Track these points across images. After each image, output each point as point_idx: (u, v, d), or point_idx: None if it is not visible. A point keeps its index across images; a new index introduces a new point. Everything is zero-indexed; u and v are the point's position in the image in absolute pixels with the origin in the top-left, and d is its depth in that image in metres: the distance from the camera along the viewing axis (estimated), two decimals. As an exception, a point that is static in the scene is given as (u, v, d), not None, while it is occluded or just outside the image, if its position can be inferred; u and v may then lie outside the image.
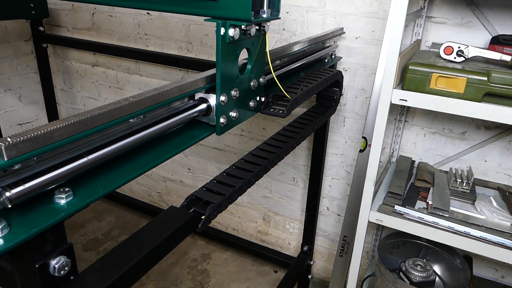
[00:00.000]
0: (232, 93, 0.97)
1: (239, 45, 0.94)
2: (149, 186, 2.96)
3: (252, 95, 1.08)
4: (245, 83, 1.02)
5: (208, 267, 2.46)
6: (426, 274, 1.54)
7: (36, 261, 0.60)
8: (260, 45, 1.04)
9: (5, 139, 0.52)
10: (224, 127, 0.97)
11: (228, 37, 0.88)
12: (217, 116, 0.94)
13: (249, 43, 0.99)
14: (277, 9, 0.98)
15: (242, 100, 1.02)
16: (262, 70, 1.09)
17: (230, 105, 0.97)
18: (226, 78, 0.93)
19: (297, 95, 1.22)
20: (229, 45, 0.90)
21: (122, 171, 0.74)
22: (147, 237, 0.80)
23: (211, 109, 0.94)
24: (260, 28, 1.00)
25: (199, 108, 0.93)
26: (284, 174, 2.31)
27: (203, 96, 0.94)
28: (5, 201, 0.54)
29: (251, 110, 1.09)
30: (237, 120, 1.01)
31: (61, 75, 2.93)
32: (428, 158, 1.83)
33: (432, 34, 1.66)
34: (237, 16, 0.87)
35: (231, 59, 0.93)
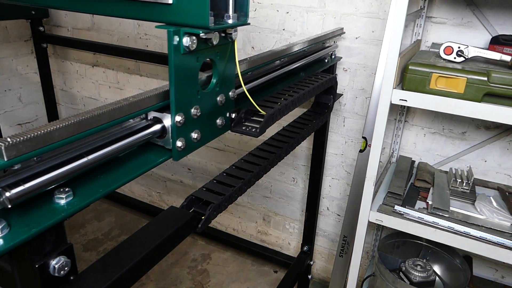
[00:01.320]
0: (192, 112, 0.84)
1: (198, 56, 0.81)
2: (149, 186, 2.96)
3: (219, 112, 0.94)
4: (209, 99, 0.89)
5: (208, 267, 2.46)
6: (426, 274, 1.54)
7: (36, 261, 0.60)
8: (229, 54, 0.91)
9: (5, 139, 0.52)
10: (183, 151, 0.84)
11: (183, 47, 0.75)
12: (173, 138, 0.81)
13: (213, 53, 0.86)
14: (246, 13, 0.84)
15: (206, 119, 0.89)
16: (231, 83, 0.96)
17: (190, 125, 0.84)
18: (182, 94, 0.80)
19: (274, 110, 1.08)
20: (184, 56, 0.77)
21: (122, 171, 0.74)
22: (147, 237, 0.80)
23: (166, 131, 0.81)
24: (227, 35, 0.87)
25: (152, 129, 0.80)
26: (284, 174, 2.31)
27: (157, 115, 0.81)
28: (5, 201, 0.54)
29: (218, 129, 0.96)
30: (199, 142, 0.89)
31: (61, 75, 2.93)
32: (428, 158, 1.83)
33: (432, 34, 1.66)
34: (193, 22, 0.74)
35: (189, 72, 0.80)
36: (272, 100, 1.16)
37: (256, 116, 1.05)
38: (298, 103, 1.25)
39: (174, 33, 0.73)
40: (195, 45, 0.76)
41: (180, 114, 0.80)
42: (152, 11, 0.77)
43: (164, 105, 0.81)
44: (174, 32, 0.73)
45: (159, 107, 0.81)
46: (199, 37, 0.77)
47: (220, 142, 2.46)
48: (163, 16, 0.76)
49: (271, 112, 1.07)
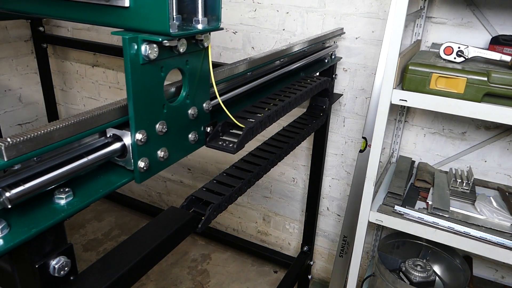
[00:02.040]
0: (157, 128, 0.75)
1: (162, 65, 0.72)
2: (149, 186, 2.96)
3: (191, 126, 0.85)
4: (178, 113, 0.80)
5: (208, 267, 2.46)
6: (426, 274, 1.54)
7: (36, 261, 0.60)
8: (202, 63, 0.82)
9: (5, 140, 0.52)
10: (146, 173, 0.74)
11: (142, 56, 0.66)
12: (134, 159, 0.72)
13: (181, 62, 0.77)
14: (218, 17, 0.75)
15: (174, 135, 0.80)
16: (206, 93, 0.87)
17: (154, 143, 0.75)
18: (144, 109, 0.70)
19: (254, 123, 0.97)
20: (144, 66, 0.68)
21: (122, 171, 0.74)
22: (147, 237, 0.80)
23: (127, 150, 0.72)
24: (198, 42, 0.78)
25: (111, 148, 0.70)
26: (284, 174, 2.31)
27: (116, 133, 0.72)
28: (5, 201, 0.54)
29: (191, 145, 0.87)
30: (167, 160, 0.79)
31: (61, 75, 2.93)
32: (428, 158, 1.83)
33: (432, 34, 1.66)
34: (153, 28, 0.66)
35: (151, 85, 0.71)
36: (254, 111, 1.05)
37: (236, 128, 0.96)
38: (284, 112, 1.16)
39: (130, 40, 0.64)
40: (156, 54, 0.67)
41: (141, 131, 0.71)
42: (108, 15, 0.69)
43: (124, 121, 0.71)
44: (130, 39, 0.64)
45: (118, 124, 0.71)
46: (162, 45, 0.68)
47: (220, 142, 2.46)
48: (121, 21, 0.69)
49: (250, 125, 0.96)
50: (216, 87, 0.88)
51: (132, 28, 0.68)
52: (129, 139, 0.71)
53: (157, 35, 0.66)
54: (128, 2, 0.66)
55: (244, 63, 1.06)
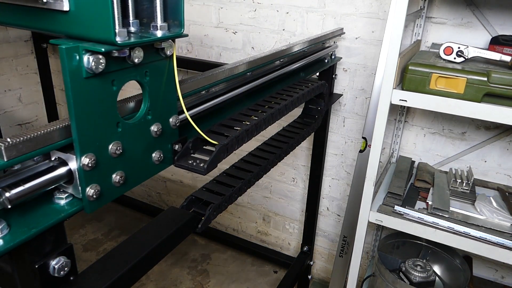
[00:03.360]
0: (111, 149, 0.65)
1: (114, 78, 0.62)
2: (149, 186, 2.96)
3: (155, 145, 0.76)
4: (137, 131, 0.70)
5: (208, 267, 2.46)
6: (426, 274, 1.54)
7: (36, 261, 0.60)
8: (166, 73, 0.73)
9: (5, 140, 0.52)
10: (97, 201, 0.65)
11: (85, 69, 0.57)
12: (82, 186, 0.62)
13: (138, 74, 0.68)
14: (180, 22, 0.66)
15: (133, 156, 0.71)
16: (173, 107, 0.78)
17: (107, 167, 0.66)
18: (91, 130, 0.61)
19: (229, 139, 0.87)
20: (89, 80, 0.58)
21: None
22: (147, 237, 0.80)
23: (73, 176, 0.62)
24: (159, 50, 0.69)
25: (55, 173, 0.61)
26: (284, 175, 2.31)
27: (61, 156, 0.62)
28: (5, 201, 0.54)
29: (155, 165, 0.78)
30: (125, 185, 0.70)
31: (61, 75, 2.93)
32: (428, 159, 1.83)
33: (432, 35, 1.66)
34: (97, 36, 0.57)
35: (99, 100, 0.61)
36: (230, 124, 0.95)
37: (209, 145, 0.86)
38: (265, 125, 1.05)
39: (69, 50, 0.54)
40: (103, 66, 0.58)
41: (88, 155, 0.61)
42: (47, 21, 0.60)
43: (69, 143, 0.62)
44: (68, 49, 0.54)
45: (63, 145, 0.61)
46: (110, 55, 0.59)
47: (220, 142, 2.46)
48: (62, 27, 0.59)
49: (224, 142, 0.86)
50: (182, 100, 0.77)
51: (75, 36, 0.59)
52: (75, 163, 0.61)
53: (101, 44, 0.57)
54: (68, 6, 0.57)
55: (244, 63, 1.06)
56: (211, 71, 0.97)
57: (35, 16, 0.61)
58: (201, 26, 2.20)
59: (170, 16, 0.66)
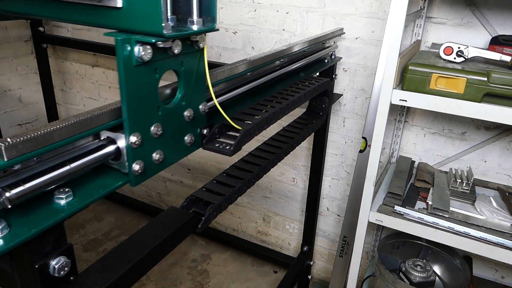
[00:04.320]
0: (152, 130, 0.73)
1: (156, 67, 0.71)
2: (149, 186, 2.96)
3: (187, 129, 0.84)
4: (173, 115, 0.79)
5: (208, 267, 2.46)
6: (426, 274, 1.54)
7: (36, 261, 0.60)
8: (198, 64, 0.81)
9: (5, 140, 0.52)
10: (141, 176, 0.73)
11: (135, 58, 0.65)
12: (129, 162, 0.70)
13: (176, 64, 0.75)
14: (213, 17, 0.74)
15: (170, 137, 0.79)
16: (202, 95, 0.86)
17: (149, 146, 0.74)
18: (138, 112, 0.69)
19: (251, 125, 0.96)
20: (138, 68, 0.67)
21: (117, 174, 0.74)
22: (147, 238, 0.80)
23: (121, 153, 0.71)
24: (193, 43, 0.77)
25: (105, 151, 0.69)
26: (284, 175, 2.31)
27: (110, 135, 0.71)
28: (5, 201, 0.54)
29: (187, 147, 0.85)
30: (163, 163, 0.78)
31: (61, 76, 2.93)
32: (428, 159, 1.83)
33: (432, 35, 1.66)
34: (147, 29, 0.65)
35: (145, 86, 0.70)
36: (251, 113, 1.04)
37: (232, 130, 0.95)
38: (282, 114, 1.15)
39: (123, 42, 0.63)
40: (150, 55, 0.66)
41: (135, 134, 0.69)
42: (101, 16, 0.68)
43: (118, 123, 0.70)
44: (123, 40, 0.63)
45: (112, 126, 0.70)
46: (156, 46, 0.67)
47: (220, 142, 2.46)
48: (114, 22, 0.67)
49: (247, 127, 0.95)
50: (212, 89, 0.86)
51: (125, 29, 0.67)
52: (123, 141, 0.69)
53: (150, 36, 0.65)
54: (121, 3, 0.64)
55: (244, 63, 1.06)
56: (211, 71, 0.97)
57: (91, 12, 0.69)
58: (201, 26, 2.20)
59: (204, 12, 0.73)
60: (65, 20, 0.76)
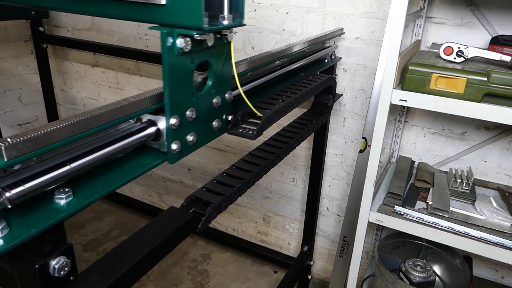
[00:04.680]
0: (188, 114, 0.82)
1: (193, 57, 0.79)
2: (149, 186, 2.96)
3: (215, 114, 0.92)
4: (204, 101, 0.87)
5: (208, 267, 2.46)
6: (426, 274, 1.54)
7: (36, 261, 0.60)
8: (225, 56, 0.89)
9: (5, 140, 0.52)
10: (178, 154, 0.82)
11: (177, 48, 0.73)
12: (168, 141, 0.79)
13: (208, 55, 0.84)
14: (241, 14, 0.83)
15: (201, 121, 0.87)
16: (228, 84, 0.94)
17: (185, 128, 0.82)
18: (177, 97, 0.78)
19: (271, 112, 1.06)
20: (179, 58, 0.75)
21: (122, 172, 0.74)
22: (147, 238, 0.80)
23: (161, 134, 0.80)
24: (222, 36, 0.85)
25: (146, 132, 0.78)
26: (284, 175, 2.31)
27: (152, 118, 0.80)
28: (5, 201, 0.54)
29: (215, 131, 0.94)
30: (195, 144, 0.87)
31: (61, 76, 2.93)
32: (428, 159, 1.83)
33: (432, 35, 1.66)
34: (187, 23, 0.73)
35: (183, 74, 0.78)
36: (269, 102, 1.14)
37: (253, 118, 1.03)
38: (296, 104, 1.24)
39: (167, 34, 0.71)
40: (189, 47, 0.74)
41: (175, 116, 0.78)
42: (145, 12, 0.76)
43: (159, 107, 0.79)
44: (167, 33, 0.71)
45: (154, 110, 0.79)
46: (194, 38, 0.75)
47: (220, 143, 2.46)
48: (157, 17, 0.75)
49: (268, 114, 1.05)
50: (238, 79, 0.95)
51: (167, 24, 0.75)
52: (163, 123, 0.79)
53: (190, 29, 0.73)
54: (165, 0, 0.72)
55: (244, 63, 1.06)
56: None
57: (137, 9, 0.77)
58: (201, 26, 2.20)
59: (233, 9, 0.81)
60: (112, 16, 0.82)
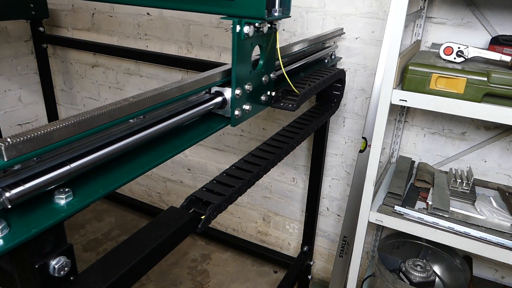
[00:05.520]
0: (246, 87, 1.03)
1: (252, 42, 1.01)
2: (149, 186, 2.96)
3: (263, 90, 1.14)
4: (257, 78, 1.09)
5: (208, 267, 2.46)
6: (426, 274, 1.54)
7: (36, 261, 0.60)
8: (272, 42, 1.11)
9: (5, 140, 0.52)
10: (239, 119, 1.04)
11: (243, 34, 0.95)
12: (232, 108, 1.00)
13: (262, 40, 1.06)
14: (288, 8, 1.04)
15: (254, 94, 1.09)
16: (273, 66, 1.16)
17: (243, 99, 1.04)
18: (240, 72, 1.00)
19: (305, 90, 1.28)
20: (243, 41, 0.97)
21: (122, 172, 0.74)
22: (147, 238, 0.80)
23: (226, 102, 1.01)
24: (272, 26, 1.06)
25: (215, 101, 0.99)
26: (284, 175, 2.31)
27: (219, 89, 1.02)
28: (5, 201, 0.54)
29: (262, 104, 1.16)
30: (249, 113, 1.08)
31: (61, 76, 2.93)
32: (428, 159, 1.83)
33: (432, 35, 1.66)
34: (251, 14, 0.94)
35: (245, 55, 1.00)
36: (301, 83, 1.34)
37: (290, 95, 1.25)
38: (322, 86, 1.44)
39: (237, 22, 0.94)
40: (251, 33, 0.96)
41: (238, 88, 1.00)
42: (217, 6, 0.97)
43: (225, 81, 1.01)
44: (237, 22, 0.94)
45: (221, 83, 1.01)
46: (255, 26, 0.97)
47: (220, 143, 2.46)
48: (227, 10, 0.96)
49: (303, 91, 1.26)
50: (281, 61, 1.19)
51: (234, 15, 0.96)
52: (229, 93, 1.00)
53: (253, 19, 0.94)
54: None
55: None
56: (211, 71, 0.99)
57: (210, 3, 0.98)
58: (201, 26, 2.20)
59: (282, 4, 1.01)
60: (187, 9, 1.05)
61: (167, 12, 2.28)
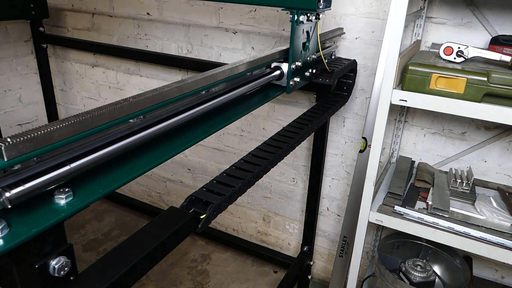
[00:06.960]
0: (297, 64, 1.32)
1: (303, 28, 1.31)
2: (149, 186, 2.96)
3: (307, 67, 1.45)
4: (305, 57, 1.40)
5: (208, 267, 2.46)
6: (426, 274, 1.54)
7: (36, 261, 0.60)
8: (315, 29, 1.43)
9: (5, 140, 0.52)
10: (292, 88, 1.34)
11: (299, 21, 1.24)
12: (288, 79, 1.31)
13: (309, 27, 1.36)
14: (329, 1, 1.38)
15: (301, 70, 1.38)
16: (314, 48, 1.47)
17: (296, 72, 1.33)
18: (295, 51, 1.30)
19: (338, 69, 1.57)
20: (298, 27, 1.27)
21: (122, 172, 0.74)
22: (147, 238, 0.80)
23: (283, 75, 1.31)
24: (317, 16, 1.37)
25: (275, 73, 1.29)
26: (284, 175, 2.31)
27: (278, 65, 1.31)
28: (5, 201, 0.54)
29: (306, 78, 1.45)
30: (299, 83, 1.37)
31: (61, 76, 2.93)
32: (428, 159, 1.83)
33: (432, 35, 1.66)
34: (305, 6, 1.26)
35: (299, 38, 1.30)
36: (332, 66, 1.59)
37: (325, 73, 1.55)
38: (346, 70, 1.69)
39: (295, 12, 1.25)
40: (304, 21, 1.27)
41: (294, 63, 1.29)
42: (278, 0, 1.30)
43: (282, 58, 1.31)
44: (295, 12, 1.25)
45: (279, 60, 1.30)
46: (307, 15, 1.28)
47: (220, 143, 2.46)
48: (285, 3, 1.28)
49: (337, 69, 1.55)
50: (320, 45, 1.51)
51: (290, 7, 1.27)
52: (286, 67, 1.31)
53: (307, 10, 1.27)
54: None
55: (243, 64, 1.06)
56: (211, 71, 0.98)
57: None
58: (201, 26, 2.20)
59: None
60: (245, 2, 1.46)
61: (167, 12, 2.28)
